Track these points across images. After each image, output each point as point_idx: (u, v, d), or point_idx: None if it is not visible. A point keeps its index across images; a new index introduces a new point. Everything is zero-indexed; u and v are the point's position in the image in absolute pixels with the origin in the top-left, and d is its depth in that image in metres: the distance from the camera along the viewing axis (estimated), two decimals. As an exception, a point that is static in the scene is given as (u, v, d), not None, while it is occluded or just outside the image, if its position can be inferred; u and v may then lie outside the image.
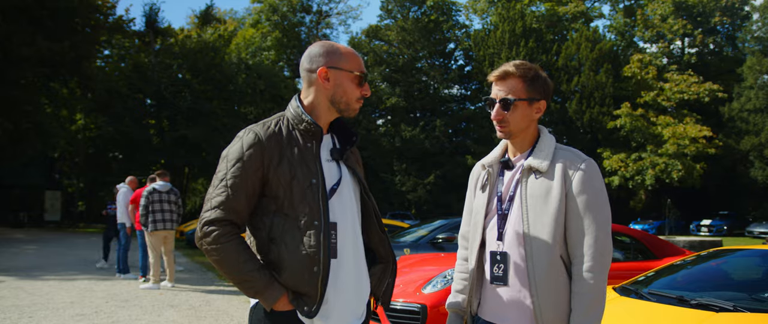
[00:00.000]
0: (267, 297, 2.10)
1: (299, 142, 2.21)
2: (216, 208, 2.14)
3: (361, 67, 2.29)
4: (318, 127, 2.23)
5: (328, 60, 2.28)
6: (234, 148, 2.18)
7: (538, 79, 2.37)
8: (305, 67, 2.30)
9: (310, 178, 2.15)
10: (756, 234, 31.59)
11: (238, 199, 2.13)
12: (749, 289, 4.85)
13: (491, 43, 39.35)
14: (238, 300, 8.87)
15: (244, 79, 33.34)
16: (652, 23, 39.64)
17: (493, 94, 2.39)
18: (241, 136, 2.20)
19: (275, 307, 2.12)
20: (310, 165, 2.18)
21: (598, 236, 2.25)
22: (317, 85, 2.28)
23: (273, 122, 2.26)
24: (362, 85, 2.29)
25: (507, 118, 2.35)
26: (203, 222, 2.15)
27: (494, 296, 2.38)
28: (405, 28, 41.58)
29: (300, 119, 2.23)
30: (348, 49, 2.31)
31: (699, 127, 33.08)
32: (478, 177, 2.56)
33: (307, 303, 2.12)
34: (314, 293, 2.11)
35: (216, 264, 2.15)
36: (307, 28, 42.72)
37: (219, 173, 2.18)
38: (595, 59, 36.31)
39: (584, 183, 2.27)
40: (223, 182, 2.15)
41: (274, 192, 2.15)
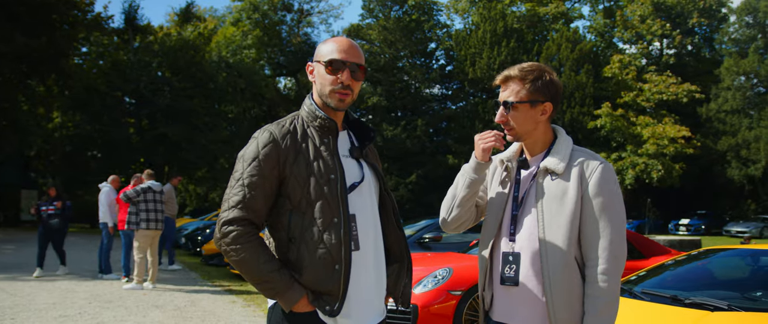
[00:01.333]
0: (287, 298, 2.06)
1: (315, 138, 2.19)
2: (234, 207, 2.10)
3: (335, 52, 2.20)
4: (333, 122, 2.20)
5: (315, 56, 2.28)
6: (250, 148, 2.15)
7: (541, 80, 2.34)
8: None
9: (328, 174, 2.12)
10: (733, 233, 32.04)
11: (256, 198, 2.09)
12: (741, 288, 4.89)
13: (472, 43, 39.43)
14: (224, 300, 8.78)
15: (224, 78, 33.09)
16: (631, 24, 40.00)
17: (499, 98, 2.39)
18: (257, 136, 2.17)
19: (295, 308, 2.08)
20: (328, 161, 2.15)
21: (613, 239, 2.24)
22: (313, 84, 2.29)
23: (288, 121, 2.24)
24: (337, 72, 2.19)
25: (510, 120, 2.35)
26: (222, 222, 2.11)
27: (505, 296, 2.36)
28: (386, 28, 41.53)
29: (314, 116, 2.22)
30: (332, 38, 2.27)
31: (678, 127, 33.46)
32: (494, 170, 2.53)
33: (328, 302, 2.08)
34: (336, 292, 2.08)
35: (235, 264, 2.12)
36: (288, 26, 42.49)
37: (235, 173, 2.15)
38: (575, 59, 36.56)
39: (601, 185, 2.26)
40: (239, 182, 2.12)
41: (291, 190, 2.11)
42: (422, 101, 41.96)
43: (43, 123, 32.47)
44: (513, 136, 2.37)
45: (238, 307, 8.31)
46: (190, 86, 30.61)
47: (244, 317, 7.58)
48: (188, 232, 17.25)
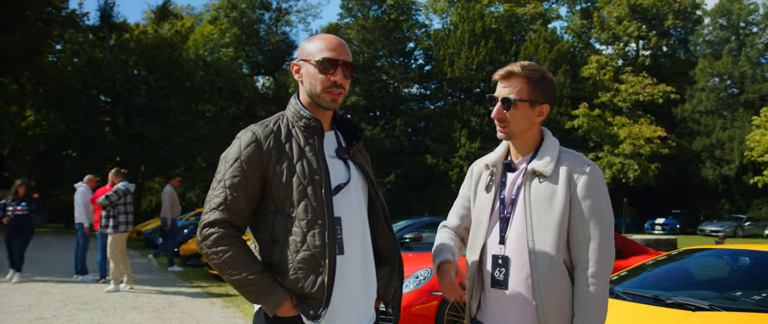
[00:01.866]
0: (270, 302, 2.02)
1: (300, 139, 2.14)
2: (215, 209, 2.05)
3: (327, 51, 2.14)
4: (318, 122, 2.15)
5: (299, 54, 2.24)
6: (232, 149, 2.10)
7: (543, 81, 2.33)
8: None
9: (312, 175, 2.07)
10: (707, 232, 32.49)
11: (238, 200, 2.05)
12: (720, 288, 4.94)
13: (451, 43, 39.52)
14: (202, 302, 8.69)
15: (202, 76, 32.78)
16: (607, 25, 40.39)
17: (497, 93, 2.36)
18: (240, 136, 2.13)
19: (278, 312, 2.03)
20: (313, 161, 2.10)
21: (602, 241, 2.24)
22: (299, 83, 2.23)
23: (272, 121, 2.19)
24: (328, 71, 2.13)
25: (507, 118, 2.32)
26: (203, 224, 2.06)
27: (495, 300, 2.34)
28: (365, 27, 41.45)
29: (299, 116, 2.17)
30: (319, 36, 2.23)
31: (653, 127, 33.85)
32: (479, 175, 2.51)
33: (312, 306, 2.03)
34: (320, 296, 2.02)
35: (216, 267, 2.07)
36: (266, 25, 42.22)
37: (217, 174, 2.10)
38: (553, 60, 36.79)
39: (589, 187, 2.25)
40: (221, 183, 2.07)
41: (274, 191, 2.06)
42: (401, 101, 41.96)
43: (17, 121, 31.89)
44: (506, 133, 2.35)
45: (217, 308, 8.22)
46: (167, 85, 30.27)
47: (223, 319, 7.50)
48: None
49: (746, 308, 4.39)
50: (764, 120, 29.12)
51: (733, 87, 39.76)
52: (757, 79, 38.29)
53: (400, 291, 2.34)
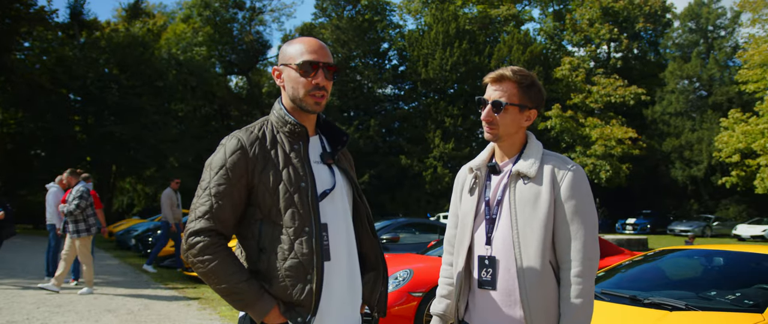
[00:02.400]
0: (257, 310, 2.00)
1: (285, 145, 2.12)
2: (200, 218, 2.03)
3: (307, 53, 2.12)
4: (303, 128, 2.13)
5: (280, 58, 2.21)
6: (217, 156, 2.08)
7: (533, 87, 2.36)
8: None
9: (299, 182, 2.06)
10: (677, 232, 33.02)
11: (224, 208, 2.03)
12: (695, 288, 5.03)
13: (425, 44, 39.65)
14: (178, 304, 8.60)
15: (174, 75, 32.48)
16: (580, 28, 40.85)
17: (487, 95, 2.38)
18: (224, 143, 2.10)
19: (266, 320, 2.02)
20: (299, 168, 2.08)
21: (587, 241, 2.27)
22: (281, 88, 2.21)
23: (257, 127, 2.16)
24: (310, 74, 2.10)
25: (496, 120, 2.34)
26: (188, 233, 2.04)
27: (482, 301, 2.36)
28: (339, 27, 41.40)
29: (284, 121, 2.15)
30: (298, 39, 2.20)
31: (625, 128, 34.32)
32: (464, 180, 2.54)
33: (300, 314, 2.02)
34: (308, 303, 2.02)
35: (202, 276, 2.05)
36: (239, 24, 41.92)
37: (202, 182, 2.07)
38: (526, 61, 37.09)
39: (573, 188, 2.28)
40: (206, 191, 2.04)
41: (260, 199, 2.05)
42: (375, 101, 41.99)
43: (-17, 120, 31.33)
44: (493, 135, 2.37)
45: (193, 310, 8.14)
46: (138, 84, 29.93)
47: (199, 321, 7.44)
48: (138, 233, 16.84)
49: (721, 308, 4.47)
50: (732, 122, 29.70)
51: (702, 89, 40.52)
52: (725, 82, 39.04)
53: (386, 296, 2.34)
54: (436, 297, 2.59)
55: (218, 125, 38.07)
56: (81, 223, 9.15)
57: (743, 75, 30.56)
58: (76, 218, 9.12)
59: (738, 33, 41.78)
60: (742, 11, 35.13)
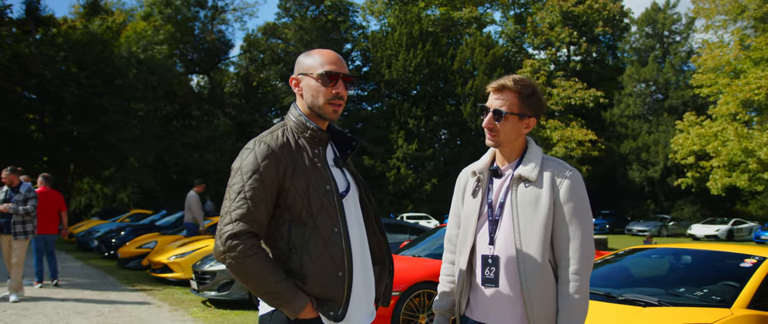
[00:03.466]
0: (294, 307, 2.11)
1: (307, 149, 2.22)
2: (238, 220, 2.11)
3: (327, 64, 2.24)
4: (324, 133, 2.26)
5: (297, 68, 2.32)
6: (248, 160, 2.16)
7: (533, 96, 2.48)
8: None
9: (324, 185, 2.18)
10: (635, 232, 33.82)
11: (259, 211, 2.11)
12: (665, 285, 5.21)
13: (389, 45, 39.80)
14: (149, 306, 8.52)
15: (134, 74, 31.94)
16: (540, 31, 41.50)
17: (489, 103, 2.49)
18: (253, 148, 2.18)
19: (300, 315, 2.13)
20: (323, 172, 2.20)
21: (584, 241, 2.40)
22: (297, 96, 2.32)
23: (280, 132, 2.26)
24: (330, 84, 2.22)
25: (497, 128, 2.46)
26: (226, 236, 2.10)
27: (485, 297, 2.47)
28: (303, 27, 41.31)
29: (304, 127, 2.25)
30: (316, 50, 2.32)
31: (585, 130, 34.98)
32: (466, 183, 2.65)
33: (332, 308, 2.15)
34: (340, 298, 2.15)
35: (239, 277, 2.13)
36: (201, 23, 41.44)
37: (234, 186, 2.15)
38: (489, 64, 37.55)
39: (571, 191, 2.42)
40: (241, 194, 2.12)
41: (290, 201, 2.15)
42: (338, 102, 41.93)
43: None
44: (495, 142, 2.49)
45: (165, 312, 8.08)
46: (98, 82, 29.33)
47: (172, 321, 7.39)
48: (99, 234, 16.53)
49: (691, 303, 4.66)
50: (687, 125, 30.47)
51: (658, 93, 41.56)
52: (680, 86, 40.10)
53: (390, 288, 2.48)
54: (438, 294, 2.69)
55: (179, 125, 37.59)
56: (28, 224, 8.87)
57: (697, 79, 31.38)
58: (24, 220, 8.85)
59: (692, 38, 43.02)
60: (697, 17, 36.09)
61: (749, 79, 28.18)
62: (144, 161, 33.05)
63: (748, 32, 31.32)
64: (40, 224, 9.71)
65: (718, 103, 29.97)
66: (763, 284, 4.72)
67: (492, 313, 2.45)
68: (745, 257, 5.17)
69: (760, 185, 29.04)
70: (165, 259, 10.80)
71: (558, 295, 2.40)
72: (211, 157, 34.78)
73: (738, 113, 29.19)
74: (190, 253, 10.59)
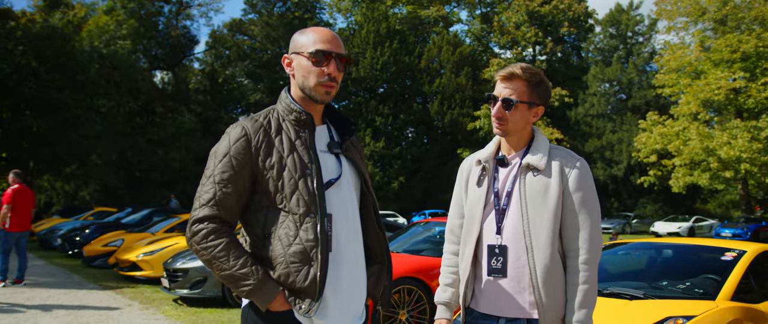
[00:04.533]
0: (261, 297, 1.99)
1: (291, 133, 2.11)
2: (204, 205, 2.02)
3: (319, 43, 2.10)
4: (308, 116, 2.12)
5: (291, 47, 2.19)
6: (222, 144, 2.07)
7: (542, 85, 2.43)
8: None
9: (303, 169, 2.05)
10: (599, 229, 34.32)
11: (228, 196, 2.01)
12: (647, 279, 5.26)
13: (356, 43, 39.70)
14: (119, 303, 8.32)
15: (97, 69, 31.23)
16: (507, 30, 41.84)
17: (497, 92, 2.43)
18: (229, 131, 2.09)
19: (271, 306, 2.01)
20: (304, 155, 2.07)
21: (593, 231, 2.37)
22: (290, 77, 2.19)
23: (262, 115, 2.15)
24: (323, 63, 2.09)
25: (507, 117, 2.40)
26: (192, 221, 2.02)
27: (492, 288, 2.41)
28: (269, 24, 40.94)
29: (289, 109, 2.13)
30: (311, 28, 2.19)
31: (551, 129, 35.36)
32: (469, 172, 2.58)
33: (304, 300, 2.01)
34: (312, 290, 2.00)
35: (206, 264, 2.03)
36: (165, 18, 40.76)
37: (207, 170, 2.06)
38: (455, 62, 37.72)
39: (580, 181, 2.38)
40: (210, 179, 2.03)
41: (265, 186, 2.04)
42: (305, 99, 41.71)
43: None
44: (503, 130, 2.43)
45: (135, 310, 7.88)
46: (59, 77, 28.58)
47: (144, 320, 7.22)
48: (63, 232, 16.10)
49: (675, 296, 4.70)
50: (650, 124, 31.04)
51: (622, 92, 42.27)
52: (643, 86, 40.84)
53: (389, 290, 2.33)
54: (440, 286, 2.61)
55: (143, 121, 36.90)
56: None
57: (660, 79, 32.00)
58: None
59: (655, 39, 43.87)
60: (659, 19, 36.83)
61: (709, 80, 28.85)
62: (106, 158, 32.38)
63: (708, 34, 32.06)
64: (16, 222, 9.50)
65: (680, 103, 30.61)
66: (745, 277, 4.79)
67: (500, 303, 2.39)
68: (725, 251, 5.24)
69: (721, 184, 29.75)
70: (133, 257, 10.57)
71: (567, 284, 2.36)
72: (176, 154, 34.22)
73: (699, 113, 29.85)
74: (160, 250, 10.39)
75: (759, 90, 28.01)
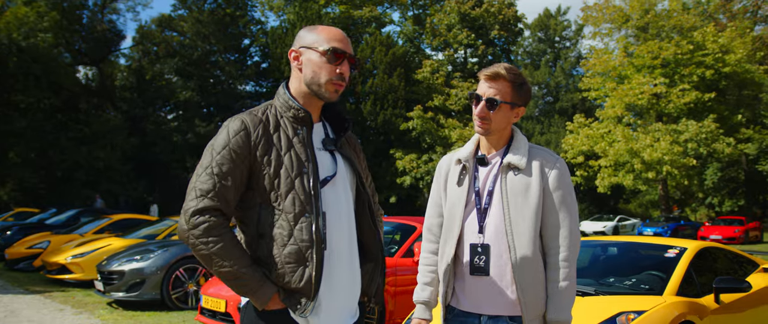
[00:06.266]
0: (259, 296, 1.97)
1: (288, 130, 2.09)
2: (203, 196, 1.96)
3: (334, 41, 2.12)
4: (307, 113, 2.11)
5: (298, 41, 2.18)
6: (220, 137, 2.03)
7: (524, 86, 2.46)
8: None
9: (300, 167, 2.04)
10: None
11: (227, 188, 1.98)
12: (594, 276, 5.40)
13: (289, 42, 39.23)
14: (49, 308, 7.94)
15: (15, 63, 29.84)
16: (439, 32, 42.27)
17: (481, 91, 2.45)
18: (227, 125, 2.06)
19: (267, 306, 1.99)
20: (301, 153, 2.06)
21: (572, 228, 2.42)
22: (294, 70, 2.18)
23: (260, 110, 2.14)
24: (337, 61, 2.11)
25: (490, 116, 2.41)
26: (191, 212, 1.95)
27: (474, 286, 2.42)
28: (200, 21, 39.96)
29: (288, 106, 2.11)
30: (322, 26, 2.19)
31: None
32: (448, 171, 2.59)
33: (299, 300, 2.00)
34: (307, 290, 2.00)
35: (204, 258, 1.97)
36: (90, 11, 39.17)
37: (203, 162, 2.01)
38: (389, 63, 37.83)
39: (560, 180, 2.42)
40: (208, 170, 1.99)
41: (261, 183, 2.02)
42: (236, 98, 41.00)
43: None
44: (485, 129, 2.44)
45: (68, 314, 7.55)
46: (-27, 71, 27.16)
47: (79, 325, 6.92)
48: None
49: (624, 292, 4.86)
50: (576, 126, 32.05)
51: (550, 95, 43.44)
52: (570, 89, 42.13)
53: (383, 287, 2.34)
54: (419, 285, 2.60)
55: (66, 118, 35.35)
56: None
57: (586, 83, 33.11)
58: None
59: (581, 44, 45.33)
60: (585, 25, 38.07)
61: (633, 85, 30.04)
62: (25, 156, 30.93)
63: (631, 41, 33.37)
64: None
65: (605, 106, 31.75)
66: (687, 273, 4.99)
67: (482, 301, 2.41)
68: (668, 248, 5.44)
69: (643, 184, 30.98)
70: (62, 259, 10.12)
71: (547, 281, 2.40)
72: (101, 152, 32.96)
73: (623, 116, 31.02)
74: (92, 252, 9.99)
75: (678, 95, 29.33)
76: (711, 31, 30.21)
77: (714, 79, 30.09)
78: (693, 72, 29.58)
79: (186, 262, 8.20)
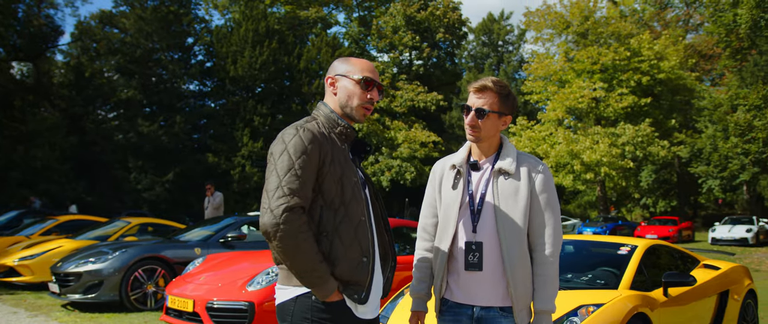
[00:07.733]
0: (324, 289, 2.21)
1: (337, 143, 2.36)
2: (291, 194, 2.16)
3: (366, 71, 2.45)
4: (353, 130, 2.42)
5: (334, 70, 2.49)
6: (295, 141, 2.23)
7: (510, 97, 2.74)
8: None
9: (353, 177, 2.34)
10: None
11: (307, 188, 2.21)
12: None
13: (234, 41, 38.87)
14: (2, 312, 7.76)
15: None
16: (384, 34, 42.58)
17: (470, 103, 2.71)
18: (297, 133, 2.26)
19: (329, 299, 2.24)
20: (351, 165, 2.37)
21: (556, 227, 2.70)
22: (329, 94, 2.48)
23: (312, 124, 2.37)
24: (367, 89, 2.43)
25: (479, 125, 2.67)
26: (282, 208, 2.14)
27: (467, 280, 2.66)
28: (142, 18, 39.11)
29: (335, 123, 2.40)
30: (354, 58, 2.52)
31: (427, 132, 36.46)
32: (442, 175, 2.84)
33: (356, 291, 2.29)
34: (364, 282, 2.29)
35: (287, 251, 2.16)
36: (26, 5, 37.87)
37: (282, 163, 2.21)
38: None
39: (545, 183, 2.70)
40: (291, 170, 2.19)
41: (325, 187, 2.26)
42: (179, 97, 40.31)
43: None
44: (475, 137, 2.70)
45: (22, 317, 7.42)
46: None
47: (37, 328, 6.82)
48: None
49: (582, 287, 5.15)
50: (520, 128, 32.85)
51: (493, 98, 44.17)
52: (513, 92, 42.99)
53: (391, 280, 2.63)
54: (415, 280, 2.84)
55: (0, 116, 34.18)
56: None
57: (528, 86, 33.95)
58: None
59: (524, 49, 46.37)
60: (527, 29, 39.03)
61: (573, 89, 30.99)
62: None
63: (571, 46, 34.38)
64: None
65: (547, 109, 32.61)
66: (639, 268, 5.33)
67: (474, 293, 2.65)
68: (620, 246, 5.78)
69: (582, 185, 31.96)
70: (10, 261, 9.89)
71: (534, 275, 2.66)
72: (38, 151, 31.97)
73: (564, 119, 31.94)
74: (42, 254, 9.80)
75: (616, 100, 30.43)
76: (646, 38, 31.46)
77: (649, 85, 31.33)
78: (630, 77, 30.74)
79: (145, 264, 8.16)
